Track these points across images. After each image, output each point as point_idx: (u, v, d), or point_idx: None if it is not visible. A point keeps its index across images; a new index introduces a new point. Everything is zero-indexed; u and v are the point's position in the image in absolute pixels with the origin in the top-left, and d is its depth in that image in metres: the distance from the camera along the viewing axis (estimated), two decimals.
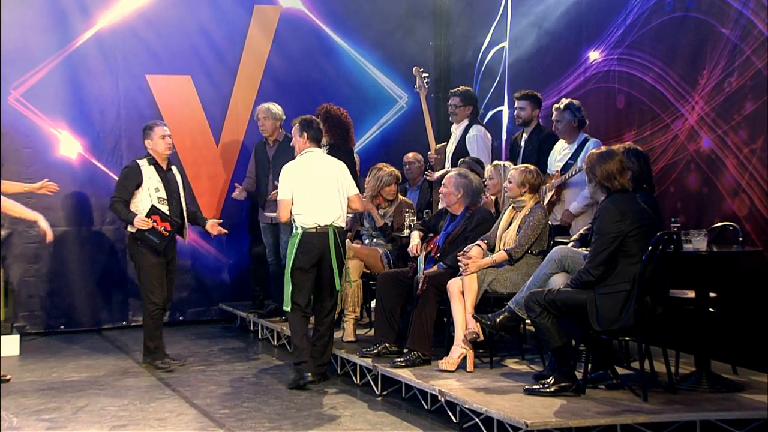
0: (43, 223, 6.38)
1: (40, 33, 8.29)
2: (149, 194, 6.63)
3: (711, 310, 5.23)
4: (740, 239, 5.36)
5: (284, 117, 7.85)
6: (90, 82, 8.48)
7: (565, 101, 6.43)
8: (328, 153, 7.37)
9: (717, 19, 5.92)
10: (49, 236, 6.42)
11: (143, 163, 6.71)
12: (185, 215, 6.87)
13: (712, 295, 5.25)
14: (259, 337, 8.04)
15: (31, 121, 8.21)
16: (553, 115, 6.47)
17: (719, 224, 5.59)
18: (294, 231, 6.09)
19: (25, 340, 7.78)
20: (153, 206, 6.59)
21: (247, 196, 8.31)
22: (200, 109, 8.84)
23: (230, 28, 8.95)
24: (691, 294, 5.31)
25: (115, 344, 7.87)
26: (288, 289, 6.07)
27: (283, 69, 9.10)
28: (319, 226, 6.01)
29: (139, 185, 6.65)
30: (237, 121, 8.94)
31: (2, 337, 7.50)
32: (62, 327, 8.46)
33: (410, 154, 8.12)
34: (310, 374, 6.01)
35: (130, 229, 6.67)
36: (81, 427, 5.30)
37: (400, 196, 7.24)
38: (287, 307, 6.12)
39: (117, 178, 7.12)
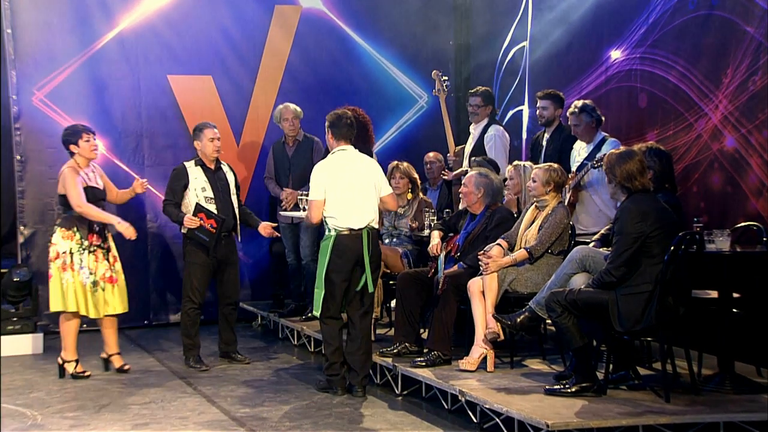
0: (121, 227, 6.54)
1: (64, 34, 8.37)
2: (196, 194, 6.72)
3: (734, 310, 5.18)
4: (764, 239, 5.29)
5: (302, 114, 7.87)
6: (112, 82, 8.55)
7: (578, 104, 6.31)
8: None
9: (741, 17, 5.87)
10: (131, 235, 6.56)
11: (190, 165, 6.81)
12: (237, 214, 6.90)
13: (735, 295, 5.21)
14: (279, 336, 8.06)
15: (54, 121, 8.27)
16: (570, 120, 6.36)
17: (743, 224, 5.54)
18: (327, 233, 5.86)
19: (48, 338, 7.84)
20: (198, 204, 6.69)
21: (267, 196, 8.35)
22: (221, 109, 8.87)
23: (251, 29, 8.98)
24: (714, 294, 5.27)
25: (137, 343, 7.91)
26: (320, 294, 5.80)
27: (304, 69, 9.12)
28: (353, 229, 5.78)
29: (186, 186, 6.74)
30: (257, 122, 8.97)
31: (26, 335, 7.61)
32: (85, 326, 8.39)
33: (431, 154, 8.11)
34: (340, 389, 5.87)
35: (182, 229, 6.78)
36: (104, 425, 5.34)
37: (421, 195, 7.23)
38: (317, 312, 5.90)
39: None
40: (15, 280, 7.67)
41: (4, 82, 8.13)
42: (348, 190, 5.82)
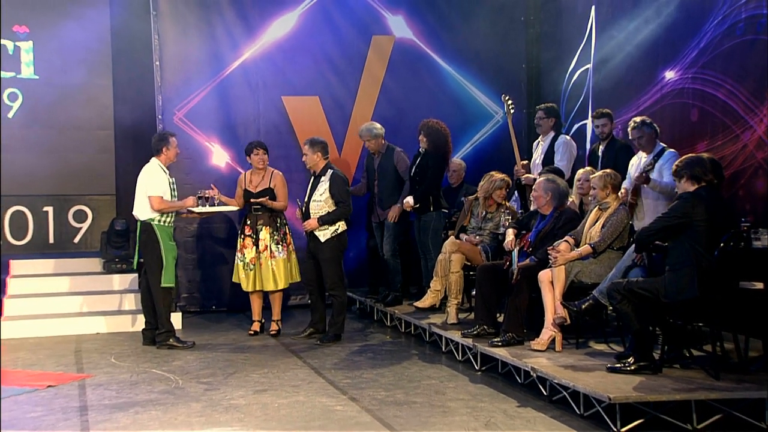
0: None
1: (199, 65, 8.72)
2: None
3: None
4: None
5: (383, 131, 7.87)
6: (236, 103, 8.82)
7: (637, 119, 6.15)
8: (422, 158, 7.43)
9: None
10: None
11: None
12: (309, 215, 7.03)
13: None
14: (375, 319, 8.16)
15: (190, 136, 8.61)
16: (632, 134, 6.19)
17: None
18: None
19: (185, 317, 8.15)
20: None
21: (364, 200, 8.45)
22: (326, 125, 9.02)
23: (352, 56, 9.12)
24: (760, 286, 5.12)
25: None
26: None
27: (396, 89, 9.20)
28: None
29: None
30: (356, 137, 9.04)
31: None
32: (213, 307, 8.81)
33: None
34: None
35: None
36: (231, 390, 5.53)
37: (507, 203, 7.17)
38: (171, 284, 6.92)
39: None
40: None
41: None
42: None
